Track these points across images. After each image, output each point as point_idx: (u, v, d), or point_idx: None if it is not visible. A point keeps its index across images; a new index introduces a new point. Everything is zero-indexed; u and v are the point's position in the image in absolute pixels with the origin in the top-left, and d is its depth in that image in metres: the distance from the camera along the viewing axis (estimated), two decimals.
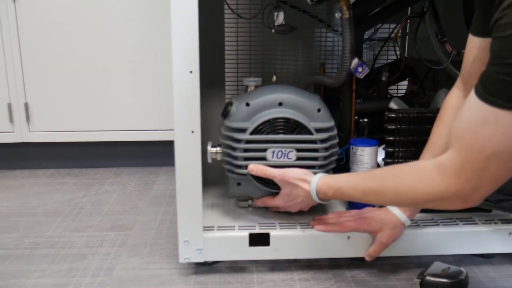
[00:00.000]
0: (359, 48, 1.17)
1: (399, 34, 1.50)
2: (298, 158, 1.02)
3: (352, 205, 1.12)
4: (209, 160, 1.07)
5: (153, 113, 1.77)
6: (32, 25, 1.68)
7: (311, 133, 1.02)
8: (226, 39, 1.57)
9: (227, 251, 1.03)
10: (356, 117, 1.24)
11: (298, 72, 1.60)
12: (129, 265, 1.10)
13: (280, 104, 1.03)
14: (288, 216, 1.10)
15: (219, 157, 1.07)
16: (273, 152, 1.02)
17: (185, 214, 1.00)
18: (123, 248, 1.18)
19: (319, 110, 1.03)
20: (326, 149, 1.04)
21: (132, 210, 1.42)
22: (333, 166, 1.07)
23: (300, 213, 1.09)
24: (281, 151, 1.02)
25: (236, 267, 1.08)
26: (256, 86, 1.12)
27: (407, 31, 1.63)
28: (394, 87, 1.63)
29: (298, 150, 1.02)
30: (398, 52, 1.50)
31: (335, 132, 1.05)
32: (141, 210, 1.42)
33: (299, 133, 1.02)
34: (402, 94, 1.57)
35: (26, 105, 1.72)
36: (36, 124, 1.74)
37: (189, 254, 1.02)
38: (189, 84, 0.94)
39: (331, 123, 1.04)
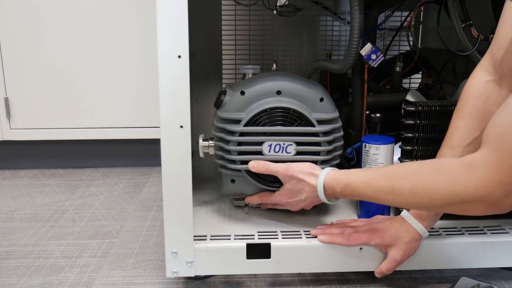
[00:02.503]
0: (372, 33, 1.04)
1: (413, 23, 1.37)
2: (298, 153, 0.89)
3: (363, 207, 0.98)
4: (201, 155, 0.95)
5: (144, 109, 1.64)
6: (13, 18, 1.55)
7: (312, 125, 0.89)
8: (223, 26, 1.44)
9: (221, 264, 0.90)
10: (367, 112, 1.11)
11: (302, 62, 1.47)
12: (110, 279, 0.96)
13: (279, 92, 0.90)
14: (292, 221, 0.97)
15: (211, 151, 0.95)
16: (270, 145, 0.89)
17: (173, 222, 0.87)
18: (105, 259, 1.04)
19: (321, 99, 0.90)
20: (329, 142, 0.91)
21: (118, 215, 1.29)
22: (337, 161, 0.95)
23: (302, 212, 0.96)
24: (279, 145, 0.89)
25: (232, 281, 0.95)
26: (254, 75, 1.00)
27: (421, 19, 1.50)
28: (406, 80, 1.50)
29: (298, 143, 0.89)
30: (411, 42, 1.37)
31: (339, 124, 0.93)
32: (129, 215, 1.28)
33: (299, 124, 0.89)
34: (416, 88, 1.44)
35: (6, 100, 1.58)
36: (18, 121, 1.61)
37: (177, 267, 0.89)
38: (178, 71, 0.80)
39: (335, 114, 0.91)
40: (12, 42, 1.56)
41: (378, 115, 1.12)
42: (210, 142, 0.95)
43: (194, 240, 0.89)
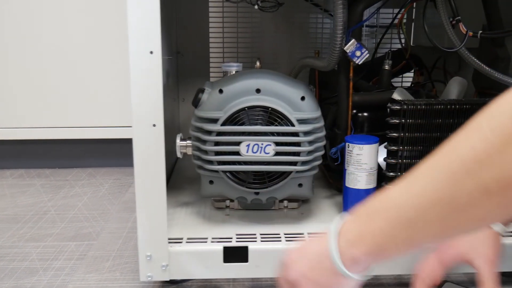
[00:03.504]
0: (358, 30, 1.00)
1: (404, 20, 1.33)
2: (277, 153, 0.86)
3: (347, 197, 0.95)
4: (179, 155, 0.92)
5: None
6: None
7: (292, 124, 0.85)
8: (211, 24, 1.42)
9: (198, 268, 0.86)
10: (354, 111, 1.08)
11: (293, 60, 1.44)
12: (84, 282, 0.93)
13: (258, 91, 0.87)
14: (274, 223, 0.94)
15: (189, 152, 0.92)
16: (248, 145, 0.85)
17: (146, 225, 0.84)
18: (82, 262, 1.01)
19: (303, 98, 0.87)
20: (310, 142, 0.87)
21: (100, 216, 1.26)
22: (318, 162, 0.91)
23: (285, 214, 0.92)
24: (257, 145, 0.85)
25: (210, 286, 0.92)
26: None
27: (413, 16, 1.46)
28: (398, 79, 1.46)
29: (277, 143, 0.86)
30: (403, 40, 1.33)
31: (321, 123, 0.89)
32: (111, 216, 1.25)
33: (279, 124, 0.86)
34: (407, 86, 1.40)
35: None
36: (2, 120, 1.58)
37: (152, 271, 0.86)
38: (150, 68, 0.77)
39: (317, 113, 0.88)
40: None
41: (364, 114, 1.09)
42: (188, 142, 0.92)
43: (170, 243, 0.86)
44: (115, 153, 1.67)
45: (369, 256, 0.47)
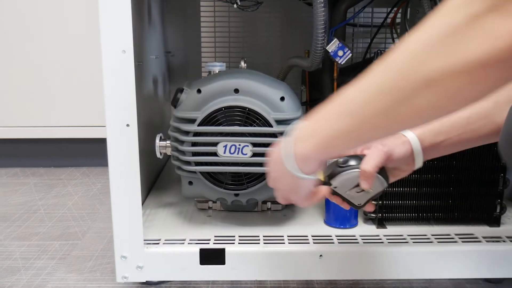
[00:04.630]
0: (341, 29, 0.99)
1: (398, 19, 1.31)
2: (255, 154, 0.85)
3: (330, 211, 0.93)
4: (158, 155, 0.91)
5: None
6: None
7: (270, 125, 0.84)
8: (202, 23, 1.41)
9: (174, 269, 0.86)
10: None
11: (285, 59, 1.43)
12: (63, 282, 0.93)
13: (236, 91, 0.86)
14: (254, 225, 0.92)
15: (169, 152, 0.91)
16: (225, 146, 0.84)
17: (122, 226, 0.83)
18: (64, 261, 1.01)
19: (282, 98, 0.86)
20: None
21: (89, 215, 1.25)
22: None
23: (267, 216, 0.91)
24: (234, 145, 0.84)
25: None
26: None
27: (408, 16, 1.44)
28: None
29: (255, 144, 0.84)
30: (396, 40, 1.31)
31: None
32: (99, 216, 1.25)
33: (256, 124, 0.84)
34: None
35: None
36: None
37: (127, 272, 0.85)
38: (122, 67, 0.76)
39: (297, 114, 0.87)
40: None
41: None
42: (168, 142, 0.91)
43: (146, 244, 0.85)
44: None
45: (318, 151, 0.49)
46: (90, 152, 1.67)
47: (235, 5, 0.91)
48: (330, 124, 0.47)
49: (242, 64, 1.01)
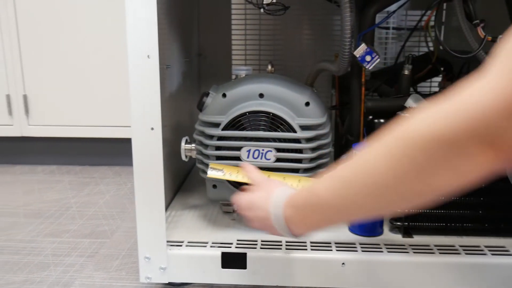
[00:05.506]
0: (370, 34, 0.97)
1: (431, 22, 1.28)
2: (278, 159, 0.84)
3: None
4: (184, 158, 0.92)
5: None
6: (31, 16, 1.58)
7: (294, 130, 0.83)
8: (233, 26, 1.42)
9: (196, 272, 0.86)
10: (370, 117, 1.04)
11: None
12: (90, 280, 0.95)
13: (261, 95, 0.86)
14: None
15: (194, 155, 0.92)
16: (249, 151, 0.84)
17: (146, 227, 0.85)
18: (92, 259, 1.04)
19: (307, 103, 0.85)
20: (313, 149, 0.85)
21: (118, 214, 1.28)
22: (322, 170, 0.89)
23: None
24: (258, 150, 0.84)
25: None
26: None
27: (443, 19, 1.40)
28: (426, 84, 1.40)
29: (278, 149, 0.84)
30: (430, 43, 1.28)
31: (325, 130, 0.87)
32: (128, 215, 1.28)
33: (280, 129, 0.84)
34: (434, 92, 1.34)
35: (24, 97, 1.62)
36: (35, 118, 1.64)
37: (151, 273, 0.87)
38: (147, 72, 0.78)
39: (321, 120, 0.86)
40: (31, 41, 1.60)
41: (381, 121, 1.05)
42: (193, 145, 0.92)
43: (169, 245, 0.86)
44: None
45: (307, 231, 0.59)
46: (123, 152, 1.71)
47: (262, 10, 0.90)
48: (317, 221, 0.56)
49: (269, 68, 1.01)
